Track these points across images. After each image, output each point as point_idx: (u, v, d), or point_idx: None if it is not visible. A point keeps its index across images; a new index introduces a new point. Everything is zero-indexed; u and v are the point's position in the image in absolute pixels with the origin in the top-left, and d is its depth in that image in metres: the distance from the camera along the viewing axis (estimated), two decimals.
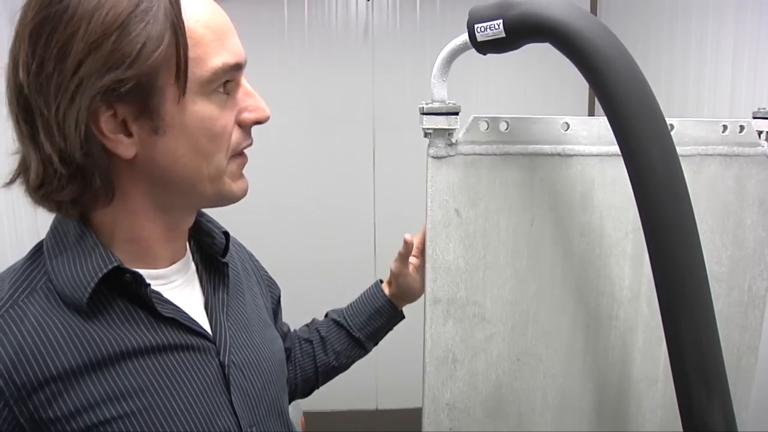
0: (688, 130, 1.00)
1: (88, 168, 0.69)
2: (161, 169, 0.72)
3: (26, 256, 0.77)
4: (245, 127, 0.76)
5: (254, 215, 2.79)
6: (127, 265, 0.74)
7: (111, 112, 0.68)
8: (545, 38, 0.80)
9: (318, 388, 1.24)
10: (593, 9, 3.07)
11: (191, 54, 0.68)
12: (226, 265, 0.90)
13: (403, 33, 3.08)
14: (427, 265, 0.95)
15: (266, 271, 1.13)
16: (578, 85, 3.06)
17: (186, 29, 0.68)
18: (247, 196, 0.80)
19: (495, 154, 0.93)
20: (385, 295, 1.20)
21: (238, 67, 0.73)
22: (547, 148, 0.94)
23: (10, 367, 0.67)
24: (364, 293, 1.23)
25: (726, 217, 1.05)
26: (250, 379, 0.85)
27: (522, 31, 0.81)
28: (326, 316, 1.25)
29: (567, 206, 0.97)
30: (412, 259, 1.17)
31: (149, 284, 0.75)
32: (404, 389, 2.95)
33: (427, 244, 0.94)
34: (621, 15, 2.86)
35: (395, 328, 1.26)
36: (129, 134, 0.69)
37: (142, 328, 0.75)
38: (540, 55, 0.84)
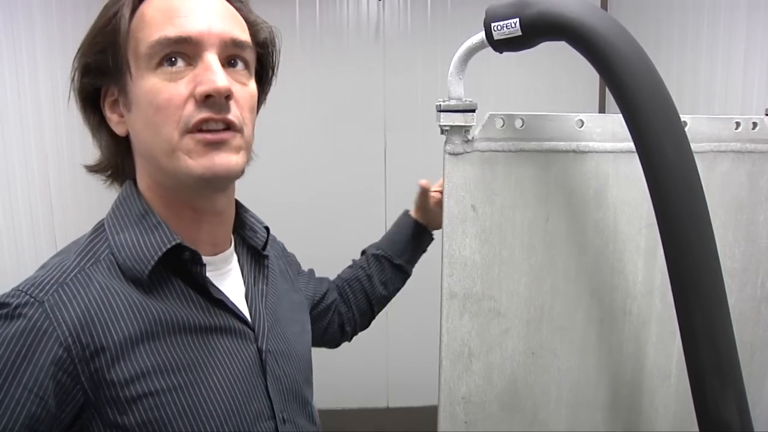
0: (702, 127, 1.01)
1: (99, 141, 0.83)
2: (136, 144, 0.81)
3: (89, 232, 0.83)
4: (200, 101, 0.73)
5: (266, 213, 2.81)
6: None
7: (113, 97, 0.79)
8: (561, 37, 0.81)
9: (374, 317, 1.37)
10: (603, 7, 3.07)
11: (140, 35, 0.75)
12: (266, 257, 0.95)
13: (414, 33, 3.09)
14: (444, 260, 0.96)
15: (296, 259, 1.21)
16: (589, 82, 3.06)
17: (141, 14, 0.76)
18: (256, 194, 0.82)
19: (510, 151, 0.94)
20: (415, 221, 1.33)
21: (182, 41, 0.73)
22: (561, 144, 0.96)
23: (78, 327, 0.71)
24: (395, 225, 1.36)
25: (739, 213, 1.05)
26: (283, 367, 0.89)
27: (538, 30, 0.82)
28: (363, 253, 1.35)
29: (581, 202, 0.98)
30: (434, 194, 1.28)
31: (204, 264, 0.80)
32: (415, 387, 2.97)
33: (444, 239, 0.96)
34: (632, 12, 2.86)
35: (404, 326, 1.32)
36: (121, 114, 0.80)
37: (192, 307, 0.79)
38: (551, 52, 0.85)
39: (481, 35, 0.88)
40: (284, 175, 3.01)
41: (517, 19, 0.82)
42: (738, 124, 1.03)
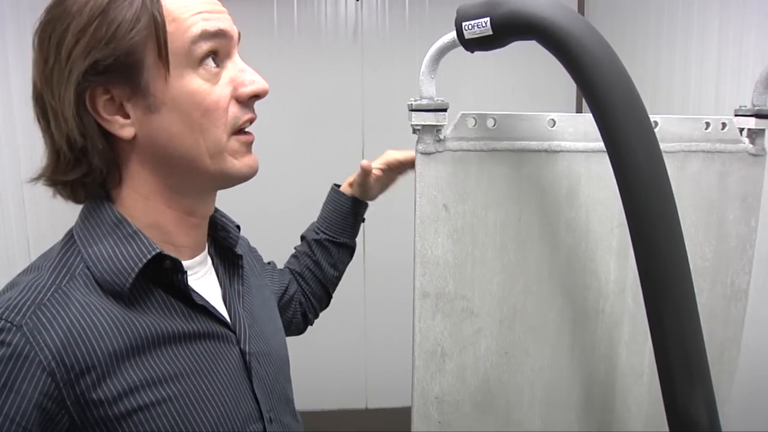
0: (672, 127, 1.02)
1: (88, 149, 0.74)
2: (161, 147, 0.75)
3: (59, 244, 0.80)
4: (243, 102, 0.76)
5: (242, 214, 2.79)
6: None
7: (108, 96, 0.73)
8: (532, 36, 0.81)
9: (332, 297, 1.37)
10: (580, 7, 3.09)
11: (170, 28, 0.71)
12: (240, 257, 0.94)
13: (393, 33, 3.09)
14: (416, 260, 0.96)
15: (258, 253, 1.20)
16: (566, 82, 3.08)
17: (163, 7, 0.72)
18: (234, 195, 0.81)
19: (483, 150, 0.94)
20: (349, 197, 1.32)
21: (220, 35, 0.74)
22: (534, 144, 0.96)
23: (61, 349, 0.69)
24: (327, 203, 1.34)
25: (709, 212, 1.06)
26: (265, 367, 0.89)
27: (509, 29, 0.82)
28: (302, 239, 1.35)
29: (554, 202, 0.98)
30: (376, 171, 1.28)
31: (186, 272, 0.78)
32: (394, 388, 2.96)
33: (416, 239, 0.95)
34: (607, 14, 2.88)
35: (382, 327, 1.31)
36: (126, 115, 0.74)
37: (175, 316, 0.78)
38: (528, 52, 0.85)
39: (453, 35, 0.88)
40: (261, 175, 2.99)
41: (488, 19, 0.82)
42: (708, 125, 1.04)
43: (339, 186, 1.35)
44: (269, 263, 1.26)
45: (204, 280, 0.86)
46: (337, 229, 1.32)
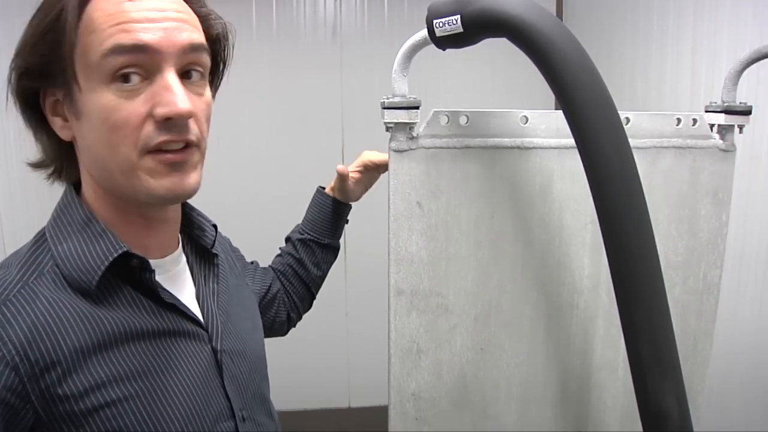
0: (644, 123, 1.03)
1: (41, 142, 0.79)
2: (87, 154, 0.77)
3: (30, 242, 0.80)
4: (159, 122, 0.71)
5: (222, 216, 2.78)
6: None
7: (54, 98, 0.74)
8: (502, 33, 0.82)
9: (315, 298, 1.38)
10: (558, 6, 3.11)
11: (87, 40, 0.70)
12: (216, 256, 0.94)
13: (372, 33, 3.09)
14: (390, 257, 0.96)
15: (241, 253, 1.20)
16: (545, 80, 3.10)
17: (88, 16, 0.70)
18: (215, 197, 0.81)
19: (456, 148, 0.95)
20: (332, 198, 1.33)
21: (138, 49, 0.69)
22: (506, 141, 0.96)
23: (26, 344, 0.69)
24: (311, 205, 1.36)
25: (681, 207, 1.08)
26: (239, 365, 0.88)
27: (479, 26, 0.83)
28: (287, 240, 1.36)
29: (527, 198, 0.99)
30: (354, 174, 1.30)
31: (153, 270, 0.78)
32: (376, 386, 2.96)
33: (390, 236, 0.96)
34: (586, 13, 2.90)
35: (364, 325, 1.32)
36: (66, 118, 0.75)
37: (143, 313, 0.78)
38: (507, 50, 0.85)
39: (424, 32, 0.88)
40: (241, 176, 2.99)
41: (459, 16, 0.83)
42: (679, 121, 1.05)
43: (324, 188, 1.37)
44: (252, 263, 1.26)
45: (177, 278, 0.86)
46: (320, 229, 1.33)
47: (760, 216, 1.78)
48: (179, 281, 0.87)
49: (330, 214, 1.33)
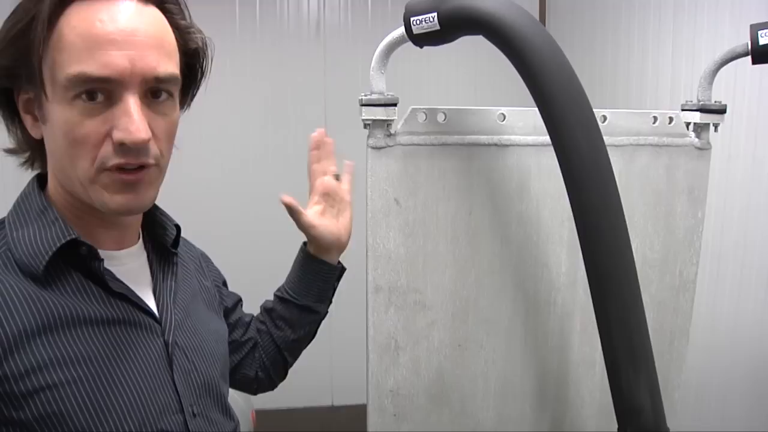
0: (621, 122, 1.04)
1: (13, 134, 0.80)
2: (52, 157, 0.78)
3: None
4: (116, 145, 0.72)
5: (208, 213, 2.77)
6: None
7: (27, 95, 0.75)
8: (478, 31, 0.82)
9: (290, 365, 1.20)
10: (542, 6, 3.12)
11: (57, 57, 0.70)
12: (175, 254, 0.93)
13: (355, 30, 3.09)
14: (368, 254, 0.96)
15: (219, 273, 1.12)
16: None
17: (59, 32, 0.71)
18: (198, 195, 0.80)
19: (433, 145, 0.95)
20: (311, 255, 1.12)
21: (101, 80, 0.70)
22: (483, 138, 0.97)
23: None
24: (294, 261, 1.15)
25: (657, 205, 1.09)
26: (193, 362, 0.87)
27: (455, 24, 0.83)
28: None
29: (504, 195, 1.00)
30: (315, 208, 1.09)
31: (102, 259, 0.78)
32: (360, 385, 2.96)
33: (368, 233, 0.96)
34: (569, 14, 2.92)
35: (347, 323, 1.24)
36: (36, 118, 0.76)
37: (92, 301, 0.77)
38: (490, 48, 0.86)
39: (402, 30, 0.89)
40: (223, 176, 2.98)
41: (435, 14, 0.83)
42: (655, 119, 1.06)
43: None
44: (231, 295, 1.15)
45: (134, 272, 0.86)
46: (298, 289, 1.14)
47: (738, 214, 1.80)
48: (136, 275, 0.87)
49: (309, 274, 1.13)
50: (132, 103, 0.71)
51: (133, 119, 0.71)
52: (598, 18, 2.62)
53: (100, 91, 0.71)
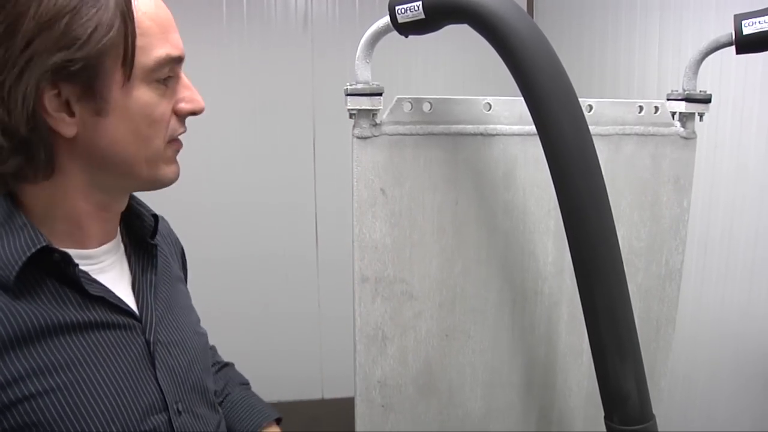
0: (606, 111, 1.04)
1: (33, 142, 0.72)
2: (101, 149, 0.75)
3: None
4: (181, 116, 0.81)
5: (194, 207, 2.76)
6: (56, 245, 0.75)
7: (55, 91, 0.70)
8: (463, 19, 0.82)
9: None
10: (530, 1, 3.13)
11: (138, 43, 0.72)
12: (154, 246, 0.92)
13: (343, 23, 3.07)
14: (354, 244, 0.96)
15: (179, 242, 1.11)
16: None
17: (136, 19, 0.72)
18: (187, 187, 0.83)
19: (419, 134, 0.95)
20: None
21: (179, 60, 0.78)
22: (469, 128, 0.97)
23: None
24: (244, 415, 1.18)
25: (643, 194, 1.09)
26: (176, 357, 0.86)
27: (440, 13, 0.83)
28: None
29: (490, 185, 1.00)
30: None
31: (77, 264, 0.76)
32: (350, 377, 2.97)
33: (354, 223, 0.95)
34: (557, 5, 2.92)
35: (337, 316, 1.24)
36: (71, 114, 0.72)
37: (69, 307, 0.76)
38: (476, 37, 0.86)
39: (387, 19, 0.88)
40: (211, 168, 2.96)
41: (420, 2, 0.83)
42: (641, 108, 1.06)
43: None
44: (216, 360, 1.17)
45: (111, 269, 0.84)
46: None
47: (724, 203, 1.81)
48: (114, 271, 0.85)
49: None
50: (185, 77, 0.81)
51: (194, 90, 0.82)
52: (586, 8, 2.62)
53: (172, 74, 0.78)
